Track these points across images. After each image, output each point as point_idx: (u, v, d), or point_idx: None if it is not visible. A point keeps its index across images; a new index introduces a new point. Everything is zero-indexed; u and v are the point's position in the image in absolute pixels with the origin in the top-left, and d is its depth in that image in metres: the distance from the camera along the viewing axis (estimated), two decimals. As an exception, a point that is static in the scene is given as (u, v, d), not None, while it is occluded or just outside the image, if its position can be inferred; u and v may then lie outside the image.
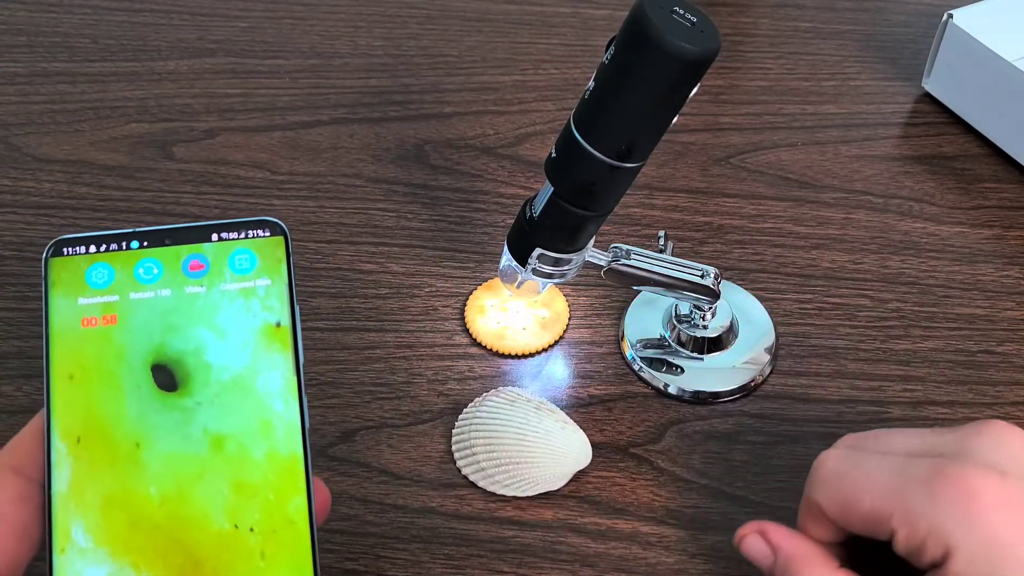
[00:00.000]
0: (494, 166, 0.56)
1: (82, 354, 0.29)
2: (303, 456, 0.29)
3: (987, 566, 0.28)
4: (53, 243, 0.30)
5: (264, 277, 0.30)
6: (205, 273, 0.30)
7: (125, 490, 0.28)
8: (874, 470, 0.31)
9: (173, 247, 0.30)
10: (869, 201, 0.54)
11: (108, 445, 0.28)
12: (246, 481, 0.28)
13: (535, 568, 0.38)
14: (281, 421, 0.29)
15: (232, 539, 0.28)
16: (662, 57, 0.32)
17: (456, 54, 0.65)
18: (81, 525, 0.27)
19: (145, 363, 0.29)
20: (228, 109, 0.60)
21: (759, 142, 0.58)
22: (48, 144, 0.58)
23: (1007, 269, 0.50)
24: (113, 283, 0.30)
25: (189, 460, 0.28)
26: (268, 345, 0.30)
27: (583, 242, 0.41)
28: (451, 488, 0.41)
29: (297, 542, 0.28)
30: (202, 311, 0.30)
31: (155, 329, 0.30)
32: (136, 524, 0.28)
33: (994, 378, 0.45)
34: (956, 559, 0.29)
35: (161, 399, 0.29)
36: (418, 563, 0.39)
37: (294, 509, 0.28)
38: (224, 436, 0.29)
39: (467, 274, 0.50)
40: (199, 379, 0.29)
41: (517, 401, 0.42)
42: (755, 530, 0.34)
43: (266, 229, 0.31)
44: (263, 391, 0.29)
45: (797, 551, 0.33)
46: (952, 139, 0.58)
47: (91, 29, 0.67)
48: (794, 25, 0.68)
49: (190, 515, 0.28)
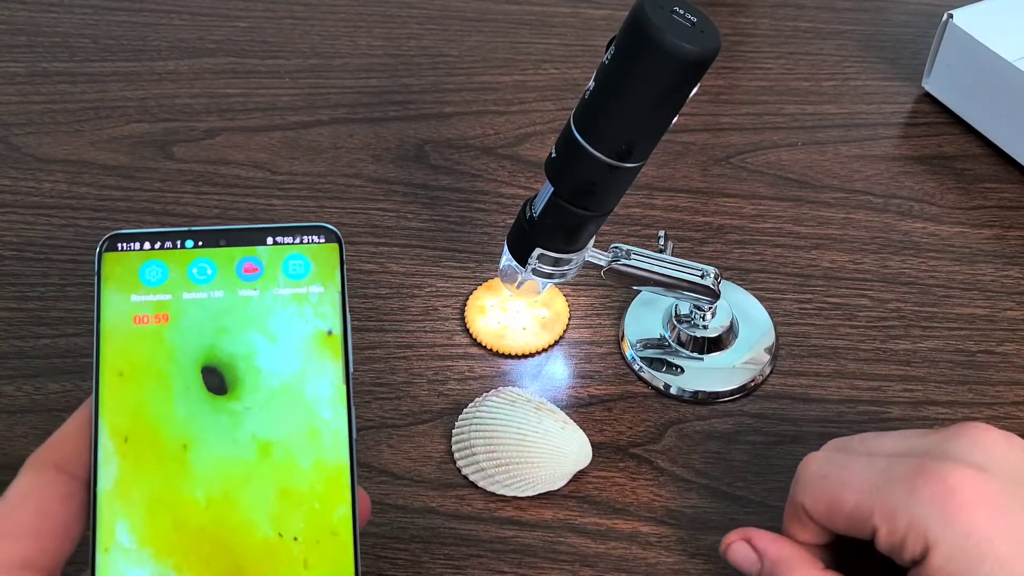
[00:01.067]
0: (494, 166, 0.56)
1: (133, 352, 0.29)
2: (349, 466, 0.28)
3: (966, 561, 0.29)
4: (107, 237, 0.29)
5: (318, 284, 0.30)
6: (259, 277, 0.30)
7: (171, 491, 0.28)
8: (857, 470, 0.32)
9: (227, 248, 0.30)
10: (869, 201, 0.54)
11: (155, 445, 0.28)
12: (292, 489, 0.28)
13: (535, 568, 0.38)
14: (329, 429, 0.29)
15: (276, 547, 0.28)
16: (662, 57, 0.32)
17: (456, 54, 0.65)
18: (126, 525, 0.27)
19: (196, 365, 0.29)
20: (228, 109, 0.60)
21: (759, 142, 0.58)
22: (48, 144, 0.58)
23: (1007, 269, 0.50)
24: (167, 282, 0.29)
25: (236, 465, 0.28)
26: (319, 353, 0.29)
27: (583, 242, 0.41)
28: (451, 488, 0.41)
29: (341, 554, 0.28)
30: (254, 315, 0.29)
31: (207, 331, 0.29)
32: (181, 526, 0.27)
33: (994, 378, 0.45)
34: (936, 554, 0.29)
35: (210, 402, 0.29)
36: (418, 563, 0.39)
37: (339, 520, 0.28)
38: (272, 442, 0.28)
39: (467, 274, 0.50)
40: (249, 384, 0.29)
41: (517, 401, 0.42)
42: (740, 537, 0.35)
43: (321, 235, 0.30)
44: (312, 399, 0.29)
45: (783, 555, 0.34)
46: (952, 139, 0.58)
47: (91, 29, 0.67)
48: (794, 25, 0.68)
49: (235, 520, 0.28)
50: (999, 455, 0.31)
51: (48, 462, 0.28)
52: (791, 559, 0.33)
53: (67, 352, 0.46)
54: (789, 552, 0.34)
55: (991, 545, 0.29)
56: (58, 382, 0.45)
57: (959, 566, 0.29)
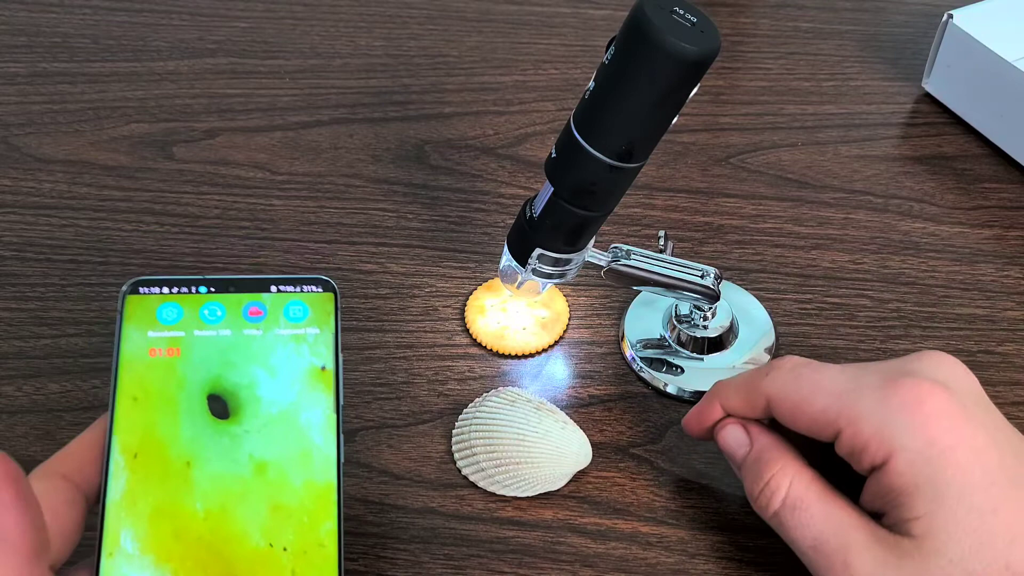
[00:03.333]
0: (494, 166, 0.56)
1: (146, 380, 0.32)
2: (336, 485, 0.31)
3: (927, 467, 0.31)
4: (131, 282, 0.34)
5: (314, 327, 0.34)
6: (263, 319, 0.34)
7: (173, 503, 0.30)
8: (829, 376, 0.34)
9: (236, 294, 0.34)
10: (869, 201, 0.54)
11: (161, 462, 0.31)
12: (283, 504, 0.31)
13: (535, 568, 0.38)
14: (319, 453, 0.32)
15: (267, 556, 0.30)
16: (662, 57, 0.32)
17: (456, 54, 0.65)
18: (130, 532, 0.30)
19: (202, 392, 0.32)
20: (228, 109, 0.60)
21: (759, 142, 0.58)
22: (48, 144, 0.58)
23: (1007, 269, 0.50)
24: (180, 321, 0.33)
25: (234, 481, 0.31)
26: (313, 385, 0.33)
27: (583, 242, 0.41)
28: (451, 488, 0.41)
29: (326, 564, 0.30)
30: (257, 351, 0.33)
31: (214, 363, 0.33)
32: (180, 535, 0.30)
33: (994, 378, 0.45)
34: (898, 459, 0.31)
35: (213, 425, 0.32)
36: (418, 563, 0.39)
37: (325, 533, 0.30)
38: (267, 462, 0.31)
39: (467, 274, 0.50)
40: (249, 410, 0.32)
41: (517, 401, 0.42)
42: (735, 422, 0.37)
43: (319, 286, 0.34)
44: (305, 425, 0.32)
45: (771, 443, 0.36)
46: (952, 139, 0.58)
47: (91, 29, 0.67)
48: (794, 25, 0.68)
49: (230, 531, 0.30)
50: (959, 376, 0.33)
51: (55, 472, 0.30)
52: (779, 449, 0.35)
53: (67, 352, 0.46)
54: (778, 443, 0.35)
55: (952, 453, 0.31)
56: (58, 382, 0.45)
57: (920, 471, 0.31)
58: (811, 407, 0.33)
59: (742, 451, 0.36)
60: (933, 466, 0.31)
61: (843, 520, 0.33)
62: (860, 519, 0.33)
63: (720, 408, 0.37)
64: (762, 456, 0.35)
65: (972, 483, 0.30)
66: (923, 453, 0.31)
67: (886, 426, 0.31)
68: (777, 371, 0.35)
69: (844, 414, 0.32)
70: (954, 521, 0.30)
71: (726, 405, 0.37)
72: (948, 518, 0.30)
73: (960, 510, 0.30)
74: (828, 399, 0.33)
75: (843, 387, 0.33)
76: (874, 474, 0.32)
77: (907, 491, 0.31)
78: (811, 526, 0.33)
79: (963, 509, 0.30)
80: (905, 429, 0.31)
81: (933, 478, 0.31)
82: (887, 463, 0.31)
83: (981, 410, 0.33)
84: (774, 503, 0.34)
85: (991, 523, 0.30)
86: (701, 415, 0.38)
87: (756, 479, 0.35)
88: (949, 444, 0.31)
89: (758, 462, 0.35)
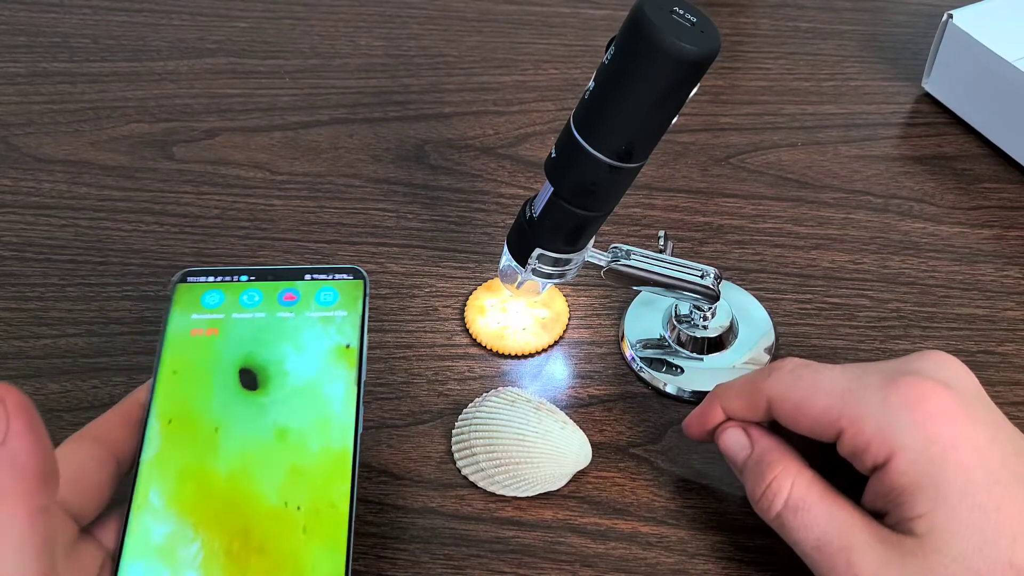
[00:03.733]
0: (494, 166, 0.56)
1: (187, 355, 0.35)
2: (352, 452, 0.33)
3: (929, 466, 0.31)
4: (181, 273, 0.37)
5: (343, 310, 0.36)
6: (296, 303, 0.37)
7: (199, 464, 0.33)
8: (831, 376, 0.34)
9: (273, 282, 0.37)
10: (869, 201, 0.54)
11: (193, 427, 0.34)
12: (301, 467, 0.33)
13: (535, 568, 0.38)
14: (338, 421, 0.34)
15: (280, 513, 0.32)
16: (662, 57, 0.32)
17: (456, 54, 0.65)
18: (158, 490, 0.32)
19: (235, 367, 0.35)
20: (228, 109, 0.60)
21: (759, 142, 0.58)
22: (48, 144, 0.58)
23: (1007, 269, 0.50)
24: (221, 305, 0.36)
25: (256, 445, 0.33)
26: (337, 361, 0.35)
27: (583, 242, 0.41)
28: (451, 488, 0.41)
29: (336, 522, 0.32)
30: (289, 331, 0.36)
31: (248, 342, 0.35)
32: (203, 493, 0.32)
33: (994, 378, 0.45)
34: (900, 458, 0.31)
35: (243, 396, 0.34)
36: (418, 563, 0.39)
37: (338, 494, 0.32)
38: (289, 429, 0.34)
39: (467, 274, 0.50)
40: (276, 382, 0.35)
41: (517, 401, 0.42)
42: (736, 425, 0.37)
43: (350, 274, 0.37)
44: (327, 396, 0.34)
45: (773, 446, 0.36)
46: (952, 139, 0.58)
47: (91, 29, 0.67)
48: (794, 25, 0.68)
49: (249, 490, 0.32)
50: (960, 375, 0.33)
51: (88, 435, 0.32)
52: (780, 451, 0.35)
53: (67, 352, 0.46)
54: (779, 445, 0.36)
55: (955, 452, 0.31)
56: (58, 382, 0.45)
57: (922, 470, 0.31)
58: (813, 408, 0.33)
59: (743, 454, 0.36)
60: (935, 464, 0.31)
61: (846, 520, 0.33)
62: (863, 519, 0.33)
63: (721, 411, 0.37)
64: (763, 458, 0.35)
65: (974, 481, 0.30)
66: (925, 452, 0.31)
67: (888, 425, 0.31)
68: (778, 372, 0.35)
69: (846, 414, 0.32)
70: (956, 519, 0.30)
71: (727, 408, 0.37)
72: (950, 516, 0.30)
73: (962, 508, 0.30)
74: (829, 399, 0.33)
75: (844, 387, 0.33)
76: (876, 474, 0.32)
77: (909, 490, 0.31)
78: (814, 527, 0.33)
79: (965, 507, 0.30)
80: (906, 428, 0.31)
81: (935, 476, 0.31)
82: (889, 462, 0.31)
83: (982, 409, 0.33)
84: (776, 505, 0.34)
85: (994, 520, 0.30)
86: (702, 418, 0.38)
87: (758, 481, 0.35)
88: (951, 443, 0.31)
89: (760, 464, 0.35)
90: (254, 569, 0.31)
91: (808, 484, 0.34)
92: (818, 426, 0.33)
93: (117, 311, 0.48)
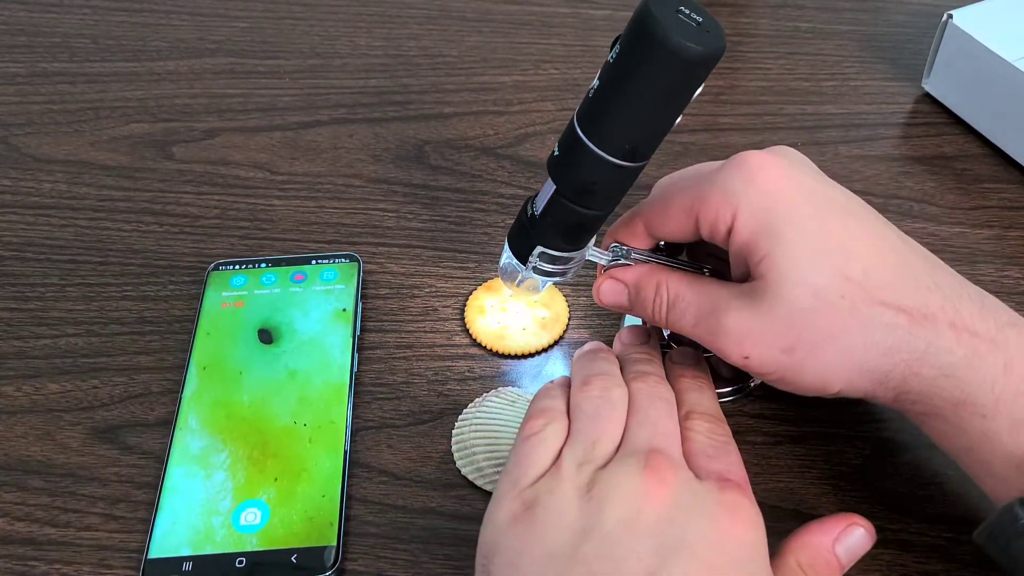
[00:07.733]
0: (494, 166, 0.56)
1: (218, 322, 0.46)
2: (348, 385, 0.44)
3: (764, 214, 0.34)
4: (214, 264, 0.49)
5: (341, 284, 0.48)
6: (304, 281, 0.48)
7: (227, 397, 0.43)
8: (680, 175, 0.39)
9: (287, 267, 0.49)
10: (869, 201, 0.54)
11: (222, 371, 0.44)
12: (307, 396, 0.43)
13: (535, 568, 0.38)
14: (336, 363, 0.45)
15: (292, 430, 0.42)
16: (667, 56, 0.32)
17: (456, 54, 0.65)
18: (195, 416, 0.43)
19: (255, 327, 0.46)
20: (228, 109, 0.60)
21: (759, 142, 0.58)
22: (48, 144, 0.58)
23: (1007, 269, 0.50)
24: (245, 285, 0.48)
25: (272, 382, 0.44)
26: (336, 320, 0.46)
27: (584, 240, 0.40)
28: (451, 488, 0.41)
29: (335, 435, 0.42)
30: (298, 301, 0.47)
31: (266, 310, 0.47)
32: (230, 417, 0.43)
33: (994, 378, 0.45)
34: (740, 215, 0.34)
35: (261, 348, 0.45)
36: (418, 563, 0.39)
37: (336, 415, 0.43)
38: (298, 371, 0.44)
39: (467, 274, 0.50)
40: (288, 337, 0.46)
41: (517, 401, 0.42)
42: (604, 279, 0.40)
43: (347, 259, 0.49)
44: (328, 345, 0.45)
45: (639, 273, 0.39)
46: (952, 139, 0.58)
47: (91, 29, 0.67)
48: (794, 25, 0.68)
49: (267, 414, 0.43)
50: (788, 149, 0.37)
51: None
52: (648, 271, 0.39)
53: (67, 352, 0.46)
54: (645, 268, 0.39)
55: (783, 194, 0.34)
56: (58, 382, 0.45)
57: (759, 219, 0.34)
58: (672, 207, 0.37)
59: (623, 294, 0.39)
60: (769, 211, 0.34)
61: (711, 292, 0.36)
62: (726, 286, 0.36)
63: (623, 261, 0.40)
64: (639, 284, 0.38)
65: (804, 214, 0.34)
66: (759, 202, 0.34)
67: (727, 190, 0.35)
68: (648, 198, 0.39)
69: (695, 200, 0.36)
70: (792, 249, 0.33)
71: (618, 239, 0.40)
72: (787, 248, 0.33)
73: (796, 239, 0.33)
74: (682, 195, 0.36)
75: (691, 180, 0.37)
76: (730, 240, 0.35)
77: (752, 240, 0.34)
78: (689, 308, 0.37)
79: (799, 237, 0.33)
80: (742, 187, 0.34)
81: (769, 220, 0.34)
82: (734, 222, 0.34)
83: (808, 167, 0.36)
84: (664, 311, 0.37)
85: (825, 243, 0.33)
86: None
87: (647, 304, 0.38)
88: (779, 188, 0.34)
89: (639, 292, 0.38)
90: (271, 469, 0.40)
91: (678, 279, 0.37)
92: (682, 220, 0.36)
93: (117, 311, 0.48)
